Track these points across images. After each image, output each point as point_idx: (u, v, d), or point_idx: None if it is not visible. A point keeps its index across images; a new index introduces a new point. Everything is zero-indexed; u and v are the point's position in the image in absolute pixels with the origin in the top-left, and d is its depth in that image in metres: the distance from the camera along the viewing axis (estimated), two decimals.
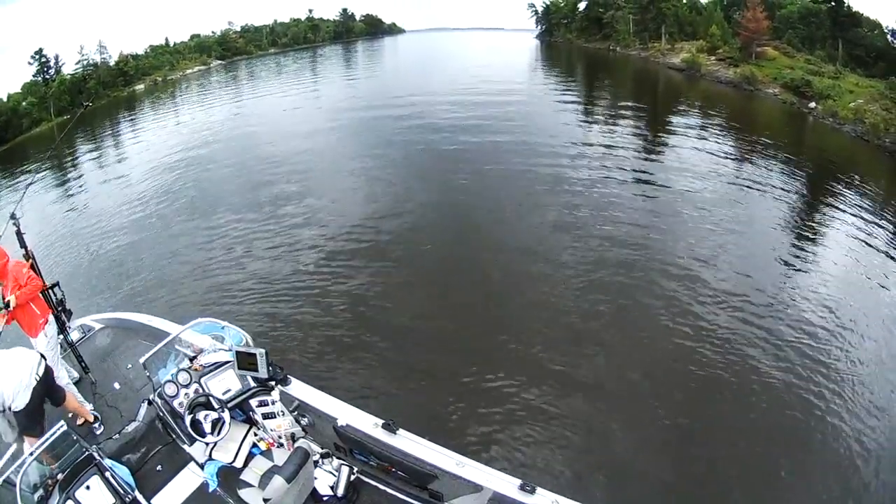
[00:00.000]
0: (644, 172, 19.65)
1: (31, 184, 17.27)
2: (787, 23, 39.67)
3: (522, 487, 4.29)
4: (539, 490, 4.28)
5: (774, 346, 10.02)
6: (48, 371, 5.46)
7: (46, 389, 5.42)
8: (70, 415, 5.92)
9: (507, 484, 4.36)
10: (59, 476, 4.75)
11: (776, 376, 9.27)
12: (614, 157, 21.22)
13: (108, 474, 4.81)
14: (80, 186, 23.91)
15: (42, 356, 5.48)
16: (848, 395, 8.97)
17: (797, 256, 13.72)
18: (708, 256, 13.33)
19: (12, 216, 6.05)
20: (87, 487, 4.69)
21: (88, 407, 6.06)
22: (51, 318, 6.02)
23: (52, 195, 22.70)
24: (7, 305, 5.48)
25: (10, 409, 5.08)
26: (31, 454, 4.72)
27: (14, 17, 49.35)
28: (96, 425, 5.96)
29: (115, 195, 20.95)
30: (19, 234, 6.08)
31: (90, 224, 18.15)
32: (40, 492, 4.68)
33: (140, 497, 4.94)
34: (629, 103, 32.26)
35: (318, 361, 9.58)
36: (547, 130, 24.95)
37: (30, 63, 46.64)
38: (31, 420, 5.28)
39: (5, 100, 42.77)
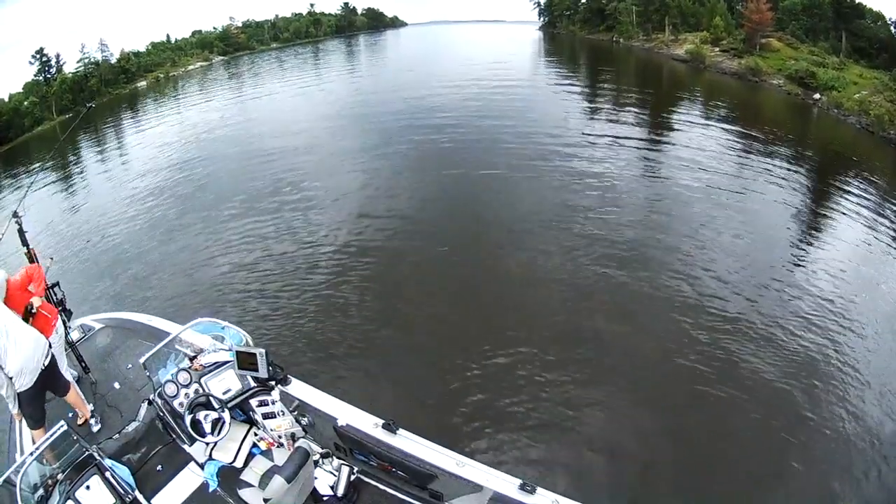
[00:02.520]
0: (649, 163, 19.63)
1: (32, 183, 17.33)
2: (790, 14, 39.40)
3: (522, 487, 4.28)
4: (539, 490, 4.27)
5: (779, 338, 10.02)
6: (53, 362, 5.57)
7: (49, 380, 5.53)
8: (70, 415, 5.95)
9: (507, 484, 4.35)
10: (59, 476, 4.78)
11: (782, 370, 9.27)
12: (620, 148, 21.18)
13: (108, 474, 4.84)
14: (82, 185, 23.95)
15: (51, 346, 5.59)
16: (852, 387, 8.96)
17: (801, 248, 13.69)
18: (712, 246, 13.35)
19: (14, 214, 6.08)
20: (88, 487, 4.71)
21: (88, 407, 6.08)
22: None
23: (54, 194, 22.68)
24: (32, 308, 5.54)
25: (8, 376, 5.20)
26: (31, 454, 4.75)
27: (14, 16, 49.26)
28: (93, 421, 5.98)
29: (116, 194, 20.97)
30: (21, 232, 6.11)
31: (91, 223, 18.19)
32: (40, 492, 4.71)
33: (140, 497, 4.96)
34: (634, 94, 32.08)
35: (318, 361, 9.58)
36: (553, 123, 24.79)
37: (31, 62, 46.56)
38: (29, 405, 5.40)
39: (7, 100, 42.74)
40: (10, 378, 5.16)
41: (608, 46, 53.92)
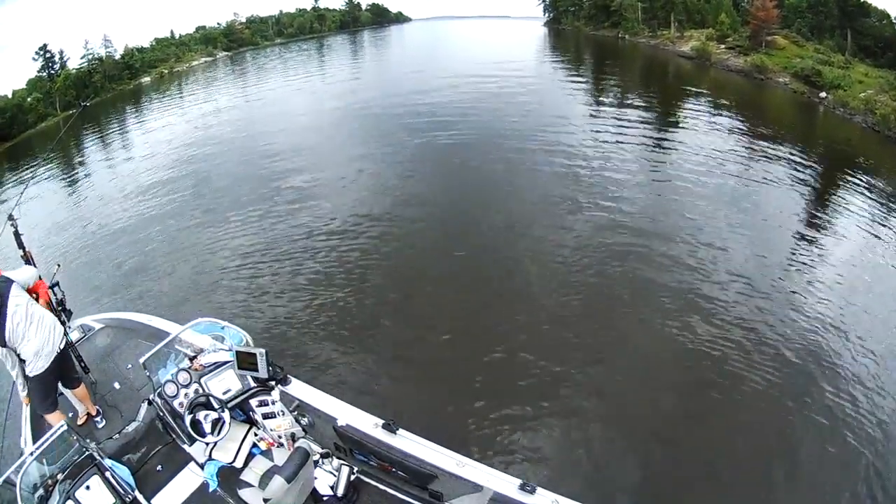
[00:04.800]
0: (653, 160, 19.58)
1: (30, 184, 17.41)
2: (795, 11, 39.28)
3: (522, 487, 4.30)
4: (539, 490, 4.28)
5: (780, 340, 9.96)
6: (67, 352, 5.67)
7: (63, 367, 5.61)
8: (70, 414, 5.96)
9: (507, 484, 4.37)
10: (59, 476, 4.79)
11: (783, 372, 9.23)
12: (624, 144, 21.14)
13: (108, 474, 4.85)
14: (82, 183, 23.91)
15: (66, 331, 5.70)
16: (854, 390, 8.92)
17: (805, 248, 13.60)
18: (715, 246, 13.24)
19: (10, 217, 6.07)
20: (87, 487, 4.72)
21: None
22: None
23: (53, 193, 22.73)
24: None
25: (23, 367, 5.26)
26: (31, 454, 4.77)
27: (17, 14, 49.32)
28: (98, 419, 5.99)
29: (118, 191, 20.97)
30: (17, 234, 6.10)
31: (92, 221, 18.23)
32: (40, 492, 4.72)
33: (140, 497, 4.97)
34: (639, 91, 32.05)
35: (319, 361, 9.56)
36: (561, 120, 24.59)
37: (34, 59, 46.61)
38: (42, 391, 5.44)
39: (10, 96, 42.78)
40: (23, 361, 5.21)
41: (613, 43, 53.64)
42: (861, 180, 18.26)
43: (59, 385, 5.77)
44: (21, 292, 5.24)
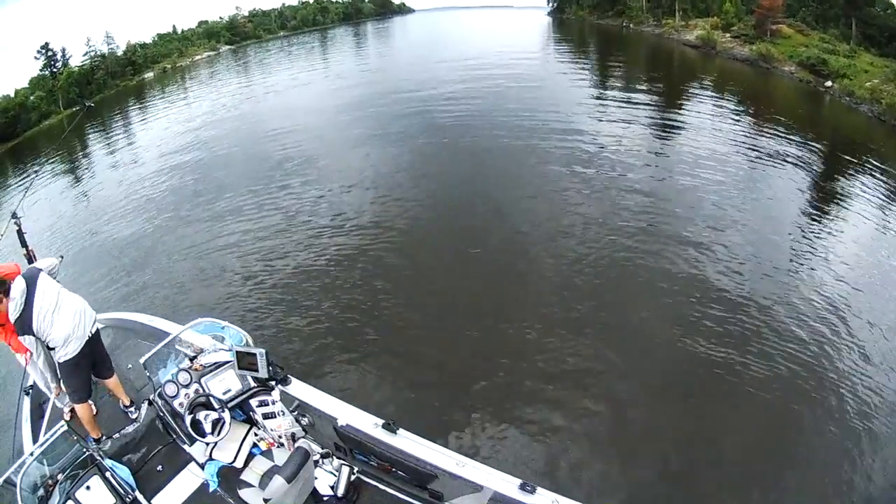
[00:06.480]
0: (660, 148, 19.56)
1: (33, 183, 17.41)
2: (800, 0, 39.05)
3: (522, 487, 4.27)
4: (539, 490, 4.25)
5: (785, 335, 9.89)
6: (98, 337, 5.61)
7: (97, 355, 5.58)
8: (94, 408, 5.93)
9: (507, 484, 4.34)
10: (60, 476, 4.80)
11: (786, 367, 9.16)
12: (631, 132, 21.13)
13: (108, 474, 4.85)
14: (85, 181, 24.05)
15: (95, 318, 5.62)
16: (859, 386, 8.86)
17: (811, 238, 13.50)
18: (720, 236, 13.19)
19: (13, 215, 6.09)
20: (88, 487, 4.72)
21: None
22: None
23: (57, 190, 22.86)
24: None
25: (52, 353, 5.18)
26: (32, 454, 4.79)
27: (19, 13, 49.45)
28: (132, 409, 5.95)
29: (121, 189, 20.97)
30: (20, 233, 6.11)
31: (92, 222, 18.26)
32: (40, 492, 4.74)
33: (140, 497, 4.96)
34: (644, 79, 31.94)
35: (319, 361, 9.54)
36: (565, 108, 24.65)
37: (36, 57, 46.84)
38: (72, 377, 5.34)
39: (13, 95, 42.86)
40: (52, 349, 5.15)
41: (618, 32, 53.40)
42: (867, 168, 18.16)
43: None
44: (49, 279, 5.19)
